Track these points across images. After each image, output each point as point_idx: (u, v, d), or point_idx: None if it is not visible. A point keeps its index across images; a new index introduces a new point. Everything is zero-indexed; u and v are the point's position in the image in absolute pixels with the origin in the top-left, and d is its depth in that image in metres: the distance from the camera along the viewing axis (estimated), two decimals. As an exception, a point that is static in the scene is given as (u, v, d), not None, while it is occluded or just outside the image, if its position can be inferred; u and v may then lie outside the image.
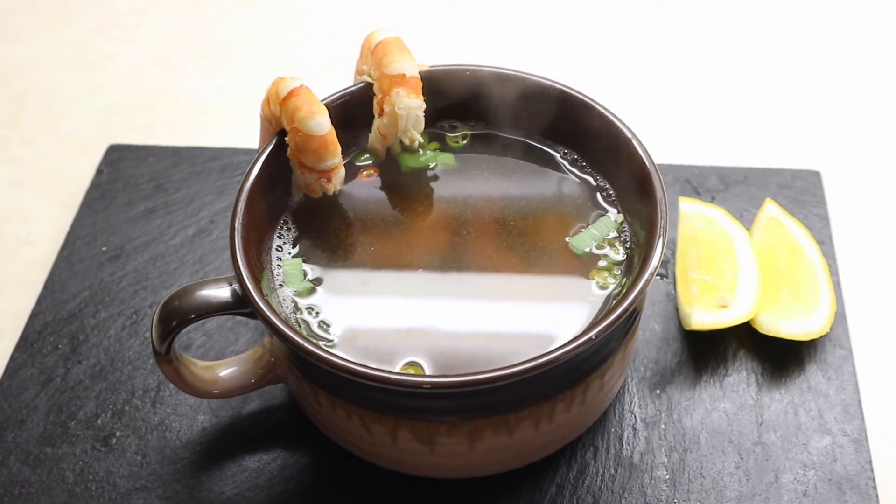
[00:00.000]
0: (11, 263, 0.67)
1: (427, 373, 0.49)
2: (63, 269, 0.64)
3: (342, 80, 0.59)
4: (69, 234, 0.66)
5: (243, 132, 0.75)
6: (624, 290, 0.49)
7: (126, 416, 0.57)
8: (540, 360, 0.46)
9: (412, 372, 0.49)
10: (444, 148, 0.58)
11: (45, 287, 0.63)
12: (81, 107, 0.78)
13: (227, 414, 0.57)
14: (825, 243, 0.63)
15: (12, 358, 0.60)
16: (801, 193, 0.67)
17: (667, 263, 0.63)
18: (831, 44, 0.81)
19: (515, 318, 0.51)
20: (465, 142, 0.58)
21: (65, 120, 0.77)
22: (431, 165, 0.57)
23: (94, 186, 0.69)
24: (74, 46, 0.83)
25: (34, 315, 0.62)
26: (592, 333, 0.46)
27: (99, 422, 0.57)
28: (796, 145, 0.72)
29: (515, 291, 0.52)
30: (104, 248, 0.65)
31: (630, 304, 0.48)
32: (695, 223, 0.62)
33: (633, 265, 0.52)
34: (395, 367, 0.49)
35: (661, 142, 0.71)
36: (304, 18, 0.85)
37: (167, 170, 0.70)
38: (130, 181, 0.70)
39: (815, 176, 0.68)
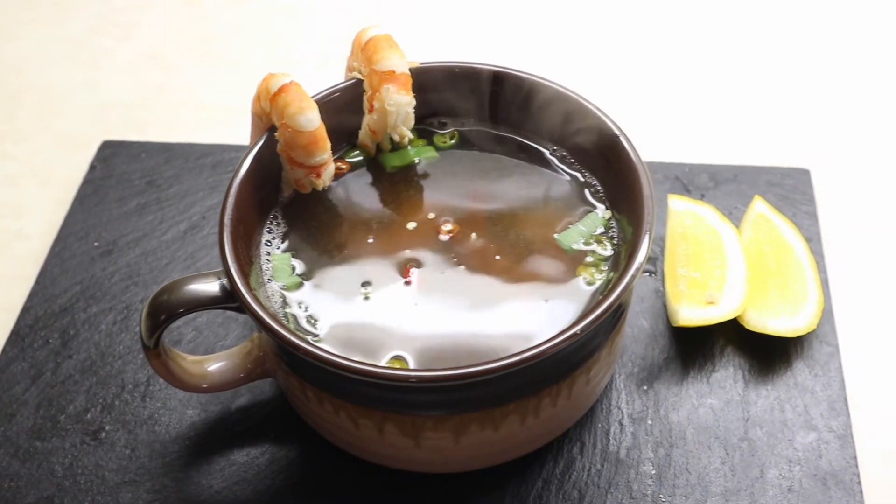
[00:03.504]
0: (4, 258, 0.67)
1: (412, 367, 0.49)
2: (55, 264, 0.65)
3: (337, 77, 0.59)
4: (61, 230, 0.67)
5: (238, 129, 0.75)
6: (609, 286, 0.50)
7: (115, 410, 0.58)
8: (525, 355, 0.46)
9: (398, 366, 0.49)
10: (433, 145, 0.58)
11: (37, 282, 0.64)
12: (77, 103, 0.78)
13: (216, 408, 0.57)
14: (814, 240, 0.64)
15: (3, 352, 0.60)
16: (791, 191, 0.67)
17: (656, 260, 0.63)
18: (821, 43, 0.81)
19: (502, 313, 0.51)
20: (452, 141, 0.59)
21: (60, 116, 0.77)
22: (416, 161, 0.57)
23: (87, 182, 0.70)
24: (70, 44, 0.83)
25: (25, 310, 0.62)
26: (577, 328, 0.47)
27: (88, 416, 0.57)
28: (786, 143, 0.73)
29: (502, 287, 0.52)
30: (96, 244, 0.66)
31: (615, 300, 0.48)
32: (684, 220, 0.62)
33: (620, 261, 0.52)
34: (381, 361, 0.49)
35: (652, 140, 0.71)
36: (300, 16, 0.85)
37: (160, 166, 0.70)
38: (123, 177, 0.70)
39: (805, 174, 0.68)
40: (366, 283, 0.52)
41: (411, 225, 0.55)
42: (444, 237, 0.54)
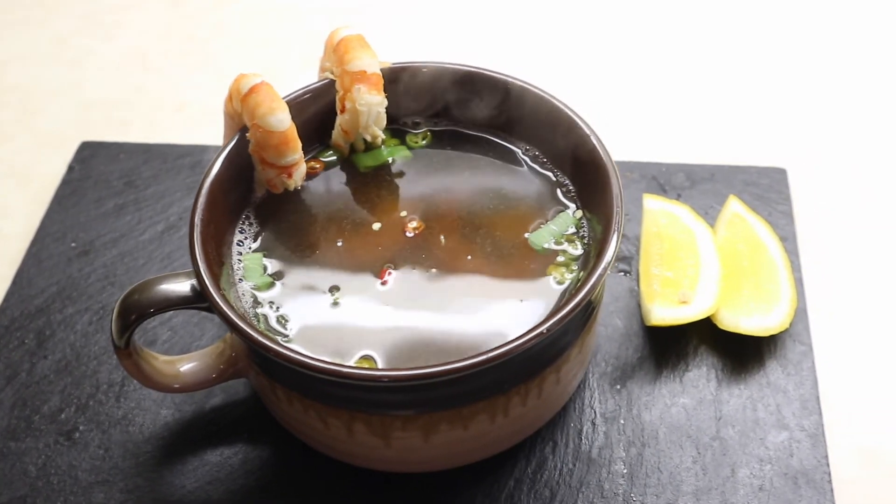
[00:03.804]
0: (-18, 259, 0.67)
1: (380, 366, 0.49)
2: (32, 264, 0.65)
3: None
4: (39, 230, 0.67)
5: (219, 129, 0.75)
6: (578, 285, 0.50)
7: (90, 410, 0.58)
8: (492, 354, 0.46)
9: (366, 366, 0.49)
10: (406, 145, 0.58)
11: (14, 282, 0.64)
12: (59, 103, 0.78)
13: (190, 408, 0.57)
14: (789, 240, 0.64)
15: (-21, 353, 0.60)
16: (767, 191, 0.67)
17: (631, 260, 0.63)
18: (798, 43, 0.81)
19: (472, 312, 0.51)
20: (425, 141, 0.59)
21: (42, 116, 0.77)
22: (389, 160, 0.57)
23: (66, 183, 0.70)
24: (54, 44, 0.83)
25: (1, 310, 0.62)
26: (544, 327, 0.47)
27: (63, 416, 0.57)
28: (763, 143, 0.73)
29: (473, 286, 0.52)
30: (73, 245, 0.66)
31: (583, 298, 0.48)
32: (659, 220, 0.62)
33: (590, 260, 0.52)
34: (351, 361, 0.49)
35: (629, 139, 0.72)
36: (283, 17, 0.86)
37: (138, 167, 0.71)
38: (101, 178, 0.70)
39: (781, 173, 0.68)
40: (337, 284, 0.52)
41: (383, 225, 0.55)
42: (415, 236, 0.54)
